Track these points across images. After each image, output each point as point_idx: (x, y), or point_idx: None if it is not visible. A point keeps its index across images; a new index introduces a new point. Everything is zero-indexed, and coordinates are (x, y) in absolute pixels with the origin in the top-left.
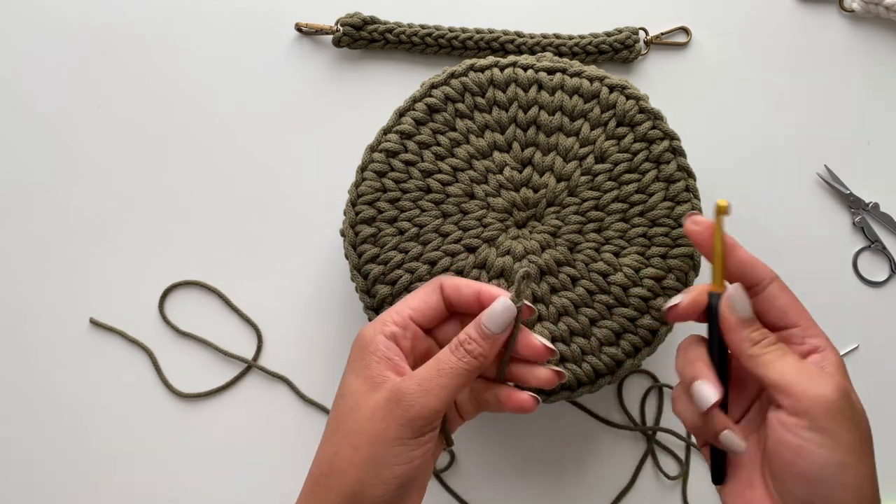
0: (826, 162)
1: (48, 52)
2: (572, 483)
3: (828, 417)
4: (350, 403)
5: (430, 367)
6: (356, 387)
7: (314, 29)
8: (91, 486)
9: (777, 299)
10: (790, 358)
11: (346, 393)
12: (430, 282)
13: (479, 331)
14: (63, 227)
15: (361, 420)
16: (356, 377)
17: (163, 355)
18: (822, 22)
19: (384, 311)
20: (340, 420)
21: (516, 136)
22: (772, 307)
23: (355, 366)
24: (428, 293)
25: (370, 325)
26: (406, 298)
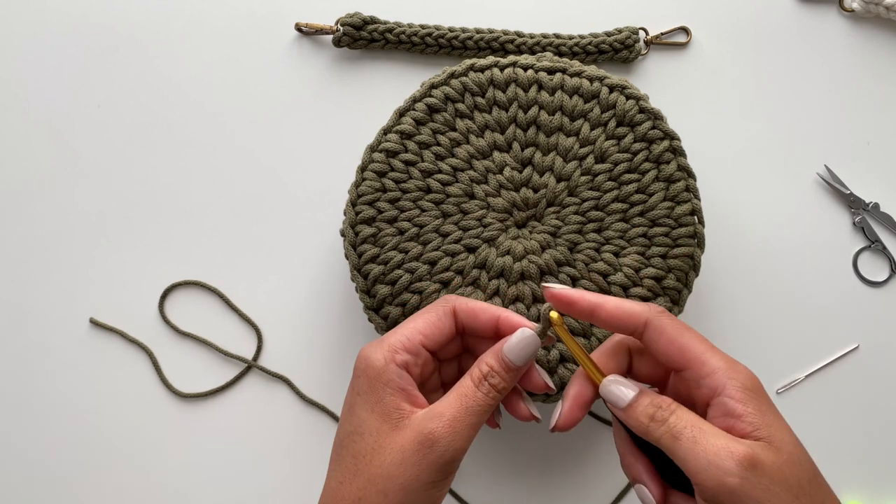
0: (826, 162)
1: (48, 52)
2: (572, 483)
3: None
4: (371, 444)
5: (456, 404)
6: (374, 424)
7: (314, 29)
8: (91, 486)
9: (656, 342)
10: (685, 439)
11: (363, 431)
12: (440, 303)
13: (502, 364)
14: (63, 226)
15: (389, 465)
16: (371, 413)
17: (163, 355)
18: (822, 22)
19: (391, 333)
20: (361, 461)
21: (516, 136)
22: (655, 353)
23: (368, 399)
24: (440, 317)
25: (377, 349)
26: (415, 320)
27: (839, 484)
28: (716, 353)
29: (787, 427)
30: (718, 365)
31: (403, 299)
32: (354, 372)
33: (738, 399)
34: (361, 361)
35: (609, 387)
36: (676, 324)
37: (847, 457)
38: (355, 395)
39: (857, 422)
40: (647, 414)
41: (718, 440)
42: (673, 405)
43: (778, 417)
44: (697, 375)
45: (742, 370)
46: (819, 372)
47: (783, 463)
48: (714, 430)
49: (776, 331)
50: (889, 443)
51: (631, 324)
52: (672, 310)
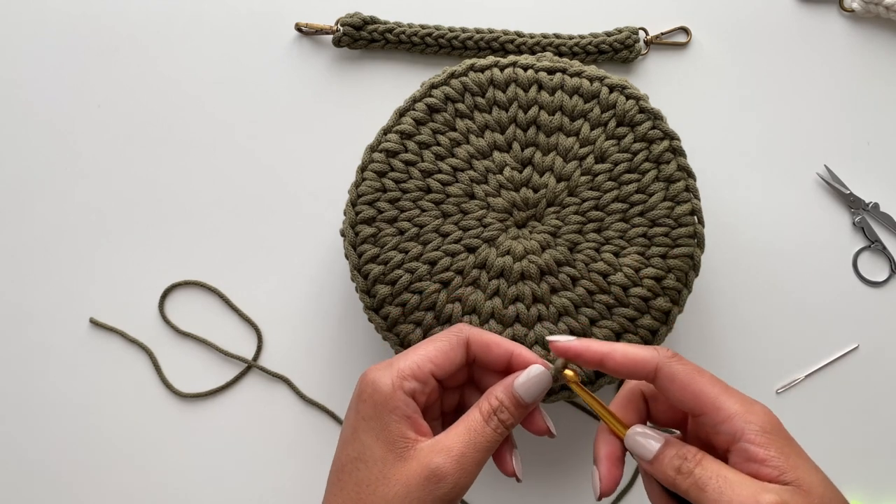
0: (826, 162)
1: (49, 52)
2: (572, 483)
3: None
4: (375, 473)
5: (464, 438)
6: (379, 452)
7: (314, 29)
8: (91, 486)
9: (669, 389)
10: (711, 490)
11: (367, 458)
12: (453, 332)
13: (511, 399)
14: (64, 226)
15: (393, 497)
16: (376, 439)
17: (163, 355)
18: (822, 22)
19: (400, 358)
20: (364, 490)
21: (516, 136)
22: (669, 398)
23: (372, 424)
24: (452, 346)
25: (384, 374)
26: (426, 346)
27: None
28: (731, 396)
29: (813, 467)
30: (734, 409)
31: (403, 299)
32: (359, 395)
33: (758, 444)
34: (368, 385)
35: (634, 438)
36: (688, 368)
37: (847, 457)
38: (360, 419)
39: (857, 422)
40: (673, 466)
41: (745, 489)
42: (699, 455)
43: (803, 457)
44: (714, 421)
45: (759, 411)
46: (819, 372)
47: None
48: (741, 478)
49: (776, 331)
50: (889, 443)
51: (641, 372)
52: (672, 310)
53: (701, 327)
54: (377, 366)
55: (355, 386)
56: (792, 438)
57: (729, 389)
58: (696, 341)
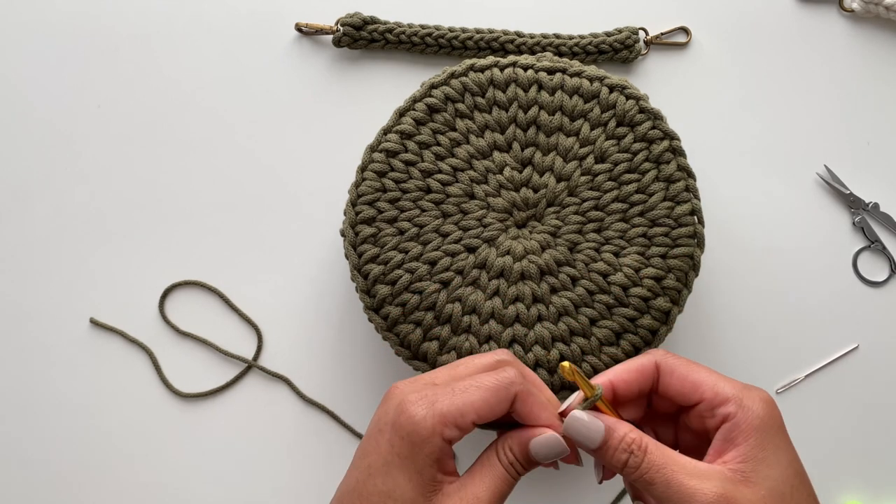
0: (826, 162)
1: (49, 53)
2: (572, 483)
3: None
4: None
5: (492, 488)
6: (409, 494)
7: (314, 29)
8: (91, 486)
9: (669, 387)
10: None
11: (397, 497)
12: (503, 384)
13: (526, 457)
14: (64, 226)
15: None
16: (408, 481)
17: (163, 355)
18: (822, 22)
19: (442, 397)
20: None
21: (516, 136)
22: (671, 395)
23: (407, 464)
24: (499, 401)
25: (422, 410)
26: (471, 394)
27: (839, 484)
28: (727, 382)
29: (784, 461)
30: (731, 393)
31: (403, 299)
32: (393, 424)
33: (742, 428)
34: (406, 420)
35: (575, 426)
36: (683, 361)
37: (847, 457)
38: (395, 455)
39: (857, 422)
40: (620, 460)
41: (691, 481)
42: (643, 444)
43: (777, 450)
44: (711, 405)
45: (755, 397)
46: (819, 372)
47: (759, 499)
48: (685, 468)
49: (776, 330)
50: (889, 443)
51: (646, 377)
52: (672, 310)
53: (701, 327)
54: (412, 391)
55: (387, 404)
56: (780, 430)
57: (725, 377)
58: (696, 341)
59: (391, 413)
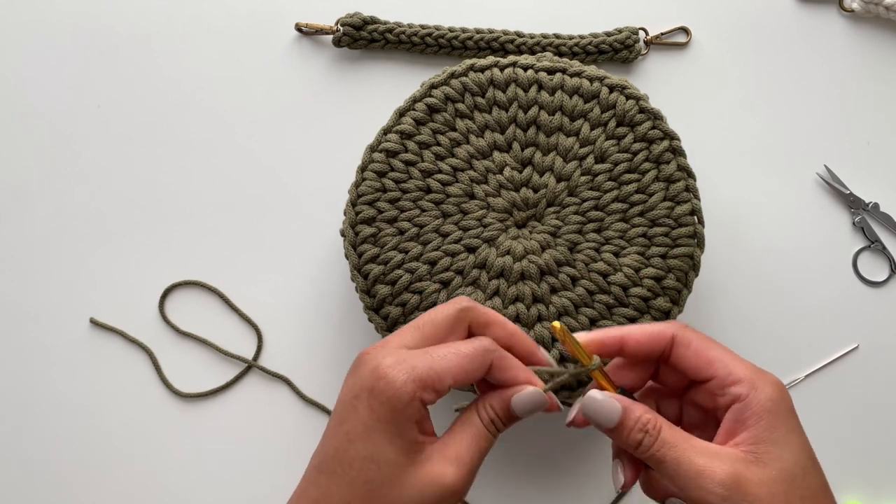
0: (826, 162)
1: (49, 52)
2: (572, 483)
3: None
4: (387, 475)
5: (473, 447)
6: (392, 456)
7: (314, 29)
8: (91, 486)
9: (683, 359)
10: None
11: (380, 460)
12: (480, 351)
13: (507, 414)
14: (64, 226)
15: (405, 501)
16: (390, 444)
17: (163, 355)
18: (822, 22)
19: (418, 359)
20: (374, 491)
21: (516, 136)
22: (683, 368)
23: (388, 427)
24: (476, 367)
25: (401, 374)
26: (450, 359)
27: (839, 484)
28: (741, 363)
29: (796, 446)
30: (744, 374)
31: (403, 299)
32: (371, 389)
33: (754, 410)
34: (385, 385)
35: (594, 404)
36: (702, 336)
37: (847, 457)
38: (375, 419)
39: (857, 422)
40: (635, 440)
41: (700, 459)
42: (658, 424)
43: (789, 433)
44: (723, 384)
45: (767, 381)
46: (819, 372)
47: (770, 480)
48: (696, 447)
49: (776, 331)
50: (889, 443)
51: (659, 344)
52: (672, 310)
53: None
54: (386, 356)
55: (360, 370)
56: (790, 414)
57: (740, 358)
58: None
59: (367, 379)
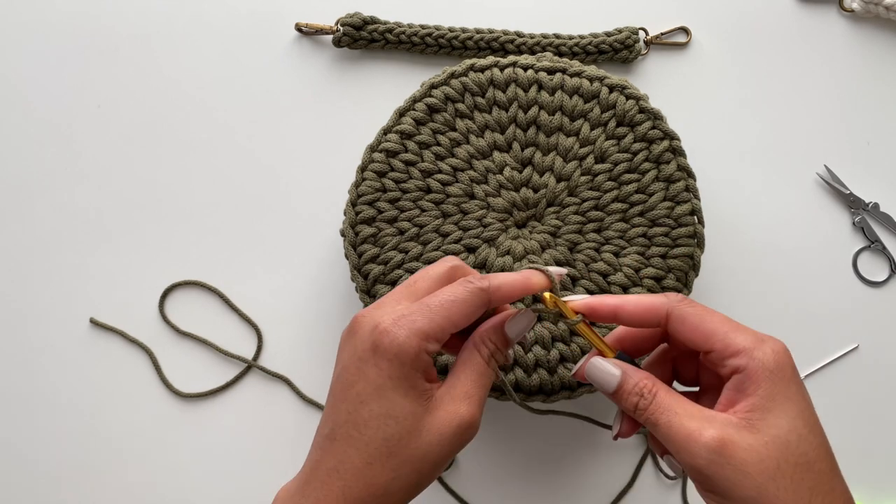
0: (826, 162)
1: (49, 52)
2: (572, 483)
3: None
4: (406, 427)
5: (478, 383)
6: (408, 408)
7: (314, 29)
8: (91, 486)
9: (679, 334)
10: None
11: (397, 415)
12: (478, 294)
13: (503, 341)
14: (63, 226)
15: (427, 446)
16: (404, 397)
17: (163, 355)
18: (822, 22)
19: (419, 313)
20: (395, 444)
21: (516, 136)
22: (681, 342)
23: (399, 383)
24: (475, 309)
25: (404, 330)
26: (449, 308)
27: None
28: (741, 332)
29: (792, 411)
30: (743, 344)
31: None
32: (374, 348)
33: (752, 379)
34: (390, 343)
35: (595, 371)
36: (698, 310)
37: (847, 457)
38: (385, 377)
39: (857, 422)
40: (632, 403)
41: (691, 423)
42: (654, 388)
43: (786, 401)
44: (722, 357)
45: (767, 348)
46: (819, 372)
47: (761, 445)
48: (689, 412)
49: (776, 331)
50: (889, 443)
51: (653, 317)
52: None
53: None
54: (384, 316)
55: (358, 334)
56: (790, 381)
57: (740, 327)
58: None
59: (368, 340)
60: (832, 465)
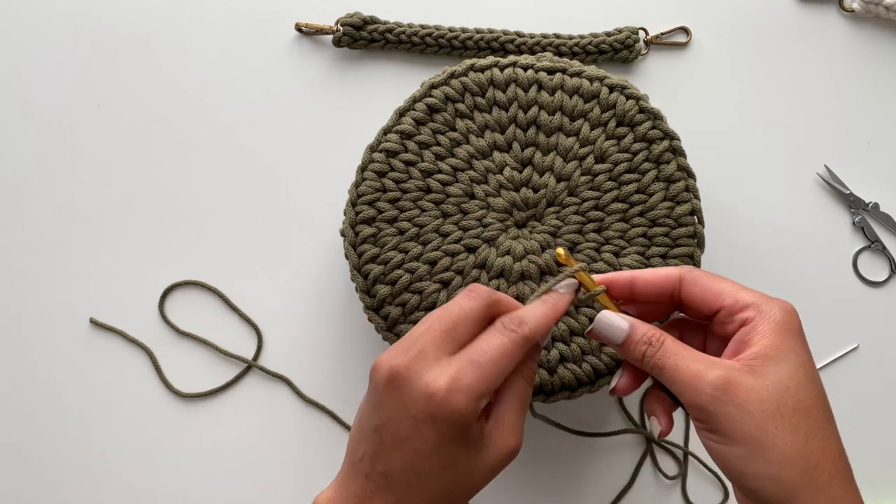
0: (826, 162)
1: (49, 52)
2: (572, 483)
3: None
4: (462, 471)
5: (522, 412)
6: (464, 457)
7: (314, 29)
8: (91, 486)
9: (692, 294)
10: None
11: (456, 465)
12: (520, 345)
13: (539, 352)
14: (63, 227)
15: (482, 481)
16: (461, 448)
17: (163, 355)
18: (822, 22)
19: (474, 374)
20: (453, 487)
21: (516, 136)
22: (694, 304)
23: (457, 440)
24: (519, 356)
25: (461, 398)
26: (495, 361)
27: None
28: (750, 291)
29: (793, 361)
30: (752, 300)
31: (403, 299)
32: (435, 418)
33: (758, 330)
34: (449, 412)
35: (603, 323)
36: (708, 274)
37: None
38: (445, 439)
39: (857, 422)
40: (639, 352)
41: (696, 364)
42: (661, 338)
43: (788, 352)
44: (731, 312)
45: (775, 304)
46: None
47: (762, 387)
48: (694, 356)
49: None
50: (889, 443)
51: (668, 285)
52: None
53: None
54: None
55: (406, 391)
56: (795, 335)
57: (748, 288)
58: None
59: (424, 404)
60: (829, 416)
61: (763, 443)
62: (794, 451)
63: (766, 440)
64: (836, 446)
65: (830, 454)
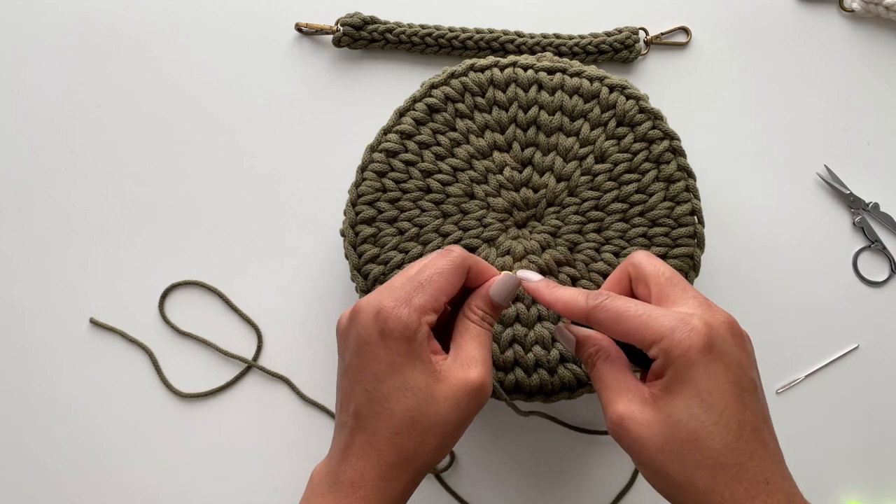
0: (826, 162)
1: (48, 52)
2: (572, 483)
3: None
4: (423, 397)
5: (482, 348)
6: (422, 380)
7: (314, 29)
8: (91, 486)
9: (603, 331)
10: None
11: (412, 387)
12: (457, 262)
13: (490, 306)
14: (63, 227)
15: (446, 412)
16: (414, 370)
17: (163, 355)
18: (822, 22)
19: (414, 291)
20: (416, 412)
21: (516, 136)
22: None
23: (410, 358)
24: (459, 277)
25: (405, 309)
26: (436, 280)
27: (839, 484)
28: (662, 317)
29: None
30: (660, 331)
31: None
32: (381, 332)
33: (668, 360)
34: (395, 323)
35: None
36: (611, 312)
37: (847, 457)
38: (396, 355)
39: (857, 422)
40: (585, 361)
41: (609, 393)
42: (595, 359)
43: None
44: (644, 348)
45: (687, 329)
46: (819, 372)
47: (655, 422)
48: (613, 381)
49: (776, 331)
50: (889, 443)
51: (578, 316)
52: None
53: None
54: (384, 299)
55: (360, 320)
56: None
57: (665, 311)
58: None
59: (372, 324)
60: (727, 442)
61: (657, 470)
62: (683, 479)
63: (658, 469)
64: (731, 471)
65: (723, 480)
